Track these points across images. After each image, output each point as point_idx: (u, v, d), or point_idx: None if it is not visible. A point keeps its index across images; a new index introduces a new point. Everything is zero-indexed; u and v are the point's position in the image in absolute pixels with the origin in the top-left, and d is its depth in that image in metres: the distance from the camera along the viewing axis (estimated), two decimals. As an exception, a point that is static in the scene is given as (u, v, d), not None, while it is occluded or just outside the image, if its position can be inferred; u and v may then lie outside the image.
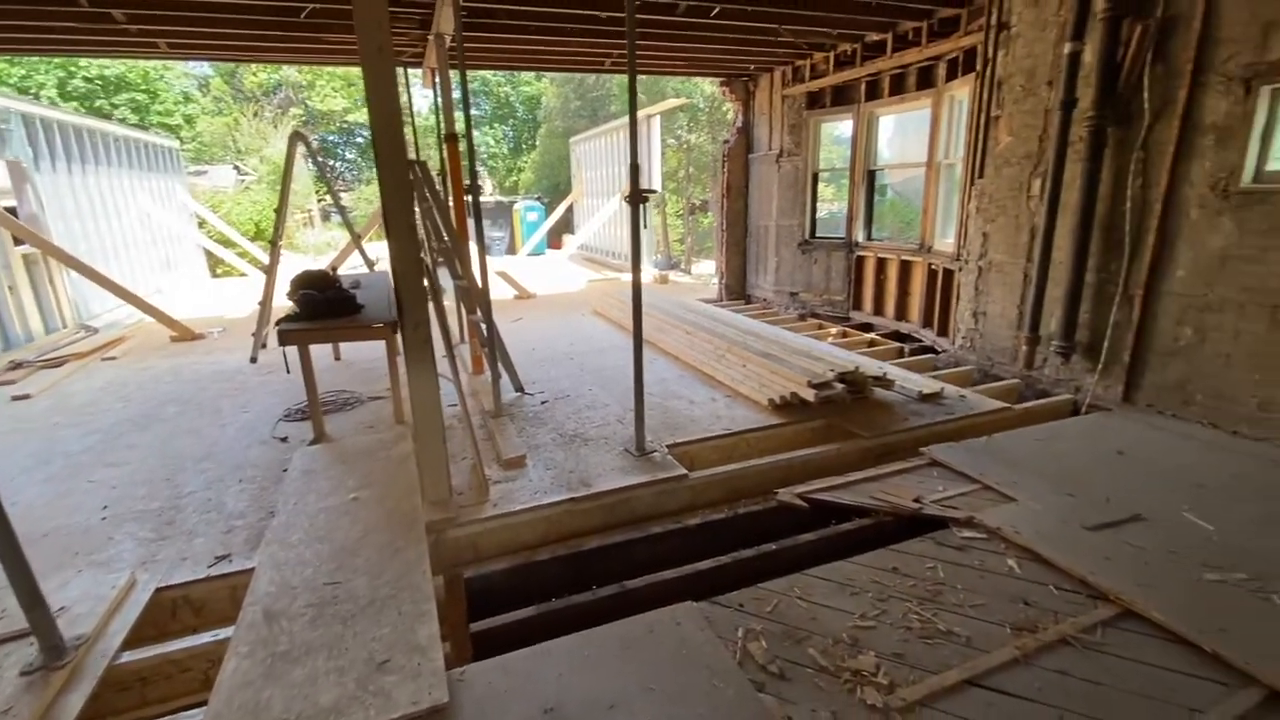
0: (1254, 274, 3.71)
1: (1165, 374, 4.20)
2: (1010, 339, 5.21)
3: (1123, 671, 2.11)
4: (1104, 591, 2.45)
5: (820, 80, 7.51)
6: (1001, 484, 3.32)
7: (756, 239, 9.25)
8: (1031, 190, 4.90)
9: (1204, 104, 3.86)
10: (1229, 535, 2.81)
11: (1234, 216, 3.78)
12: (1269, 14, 3.55)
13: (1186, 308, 4.05)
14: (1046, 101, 4.67)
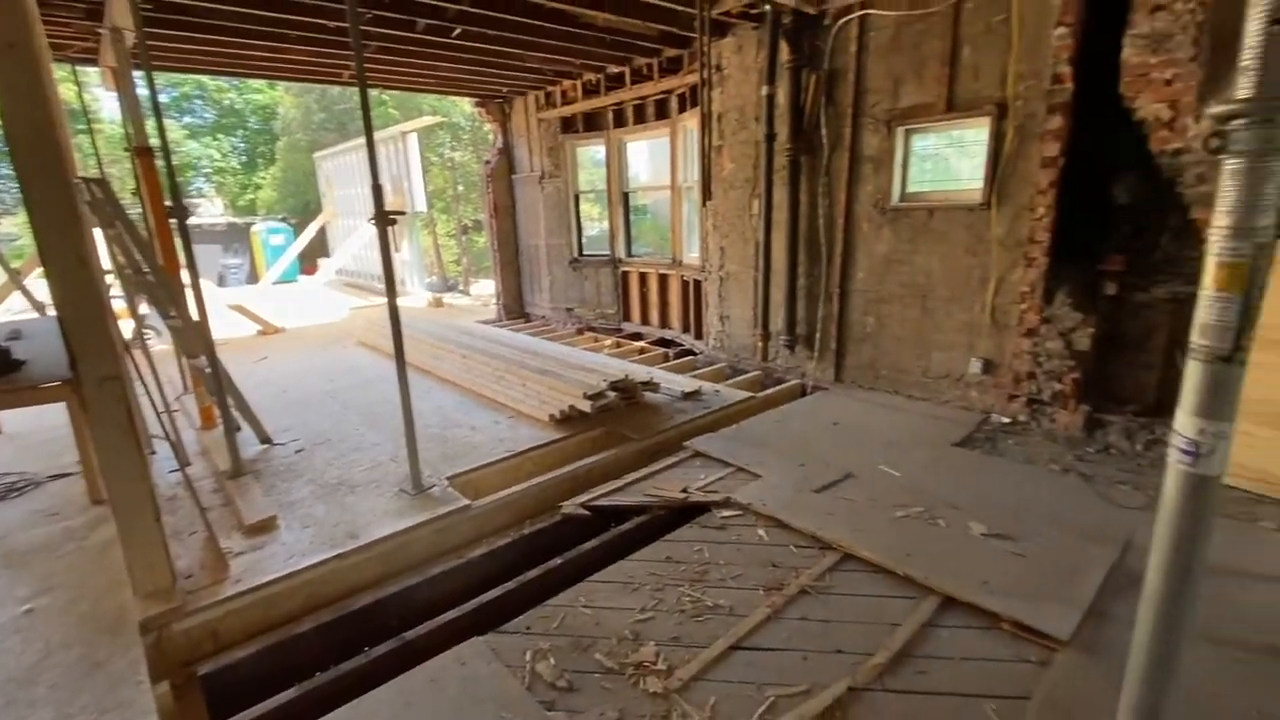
0: (907, 272, 4.79)
1: (860, 356, 5.21)
2: (750, 337, 6.00)
3: (845, 605, 2.55)
4: (829, 542, 2.95)
5: (572, 106, 7.87)
6: (750, 464, 3.80)
7: (529, 258, 9.35)
8: (752, 210, 5.72)
9: (864, 140, 4.88)
10: (910, 478, 3.58)
11: (891, 228, 4.84)
12: (897, 71, 4.62)
13: (868, 301, 5.07)
14: (756, 134, 5.49)
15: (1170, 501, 0.96)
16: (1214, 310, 0.88)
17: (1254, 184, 0.84)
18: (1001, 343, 4.35)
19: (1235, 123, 0.84)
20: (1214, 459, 0.91)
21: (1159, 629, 1.00)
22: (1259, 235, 0.84)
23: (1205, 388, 0.90)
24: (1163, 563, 0.97)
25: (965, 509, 3.18)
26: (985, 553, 2.80)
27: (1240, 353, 0.88)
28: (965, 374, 4.58)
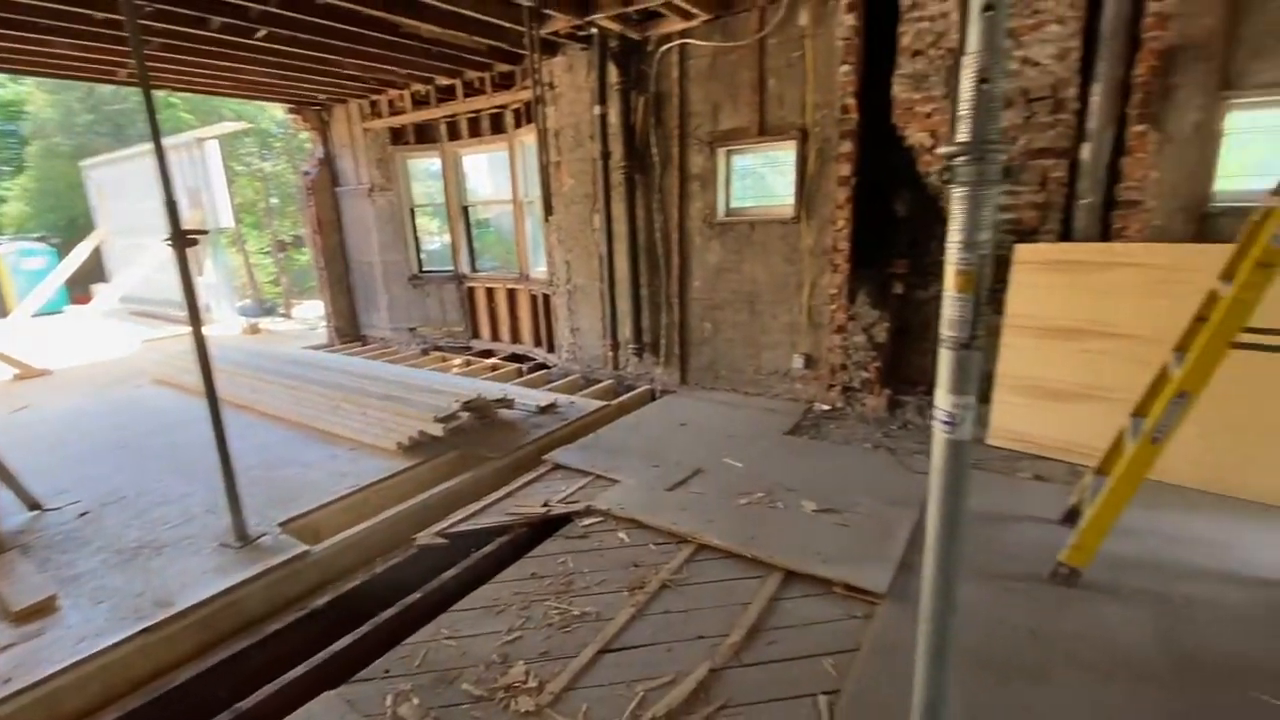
0: (737, 280, 5.22)
1: (701, 358, 5.57)
2: (601, 347, 6.14)
3: (702, 593, 2.72)
4: (684, 535, 3.12)
5: (401, 117, 7.51)
6: (608, 471, 3.90)
7: (362, 276, 8.72)
8: (594, 224, 5.87)
9: (690, 159, 5.24)
10: (751, 468, 3.90)
11: (720, 240, 5.24)
12: (716, 97, 5.02)
13: (705, 308, 5.44)
14: (592, 152, 5.65)
15: (938, 462, 1.18)
16: (955, 308, 1.11)
17: (975, 208, 1.08)
18: (818, 339, 4.90)
19: (958, 160, 1.07)
20: (965, 426, 1.14)
21: (938, 567, 1.22)
22: (981, 248, 1.08)
23: (954, 370, 1.13)
24: (937, 512, 1.19)
25: (798, 490, 3.54)
26: (817, 527, 3.15)
27: (976, 340, 1.11)
28: (790, 369, 5.09)
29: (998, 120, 1.04)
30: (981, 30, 1.01)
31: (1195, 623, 2.36)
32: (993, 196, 1.06)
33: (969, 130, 1.05)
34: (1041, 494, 3.36)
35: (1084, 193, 3.76)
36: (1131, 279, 3.43)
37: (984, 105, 1.03)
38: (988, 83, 1.01)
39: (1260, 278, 2.15)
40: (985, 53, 1.01)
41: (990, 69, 1.01)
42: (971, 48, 1.03)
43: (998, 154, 1.03)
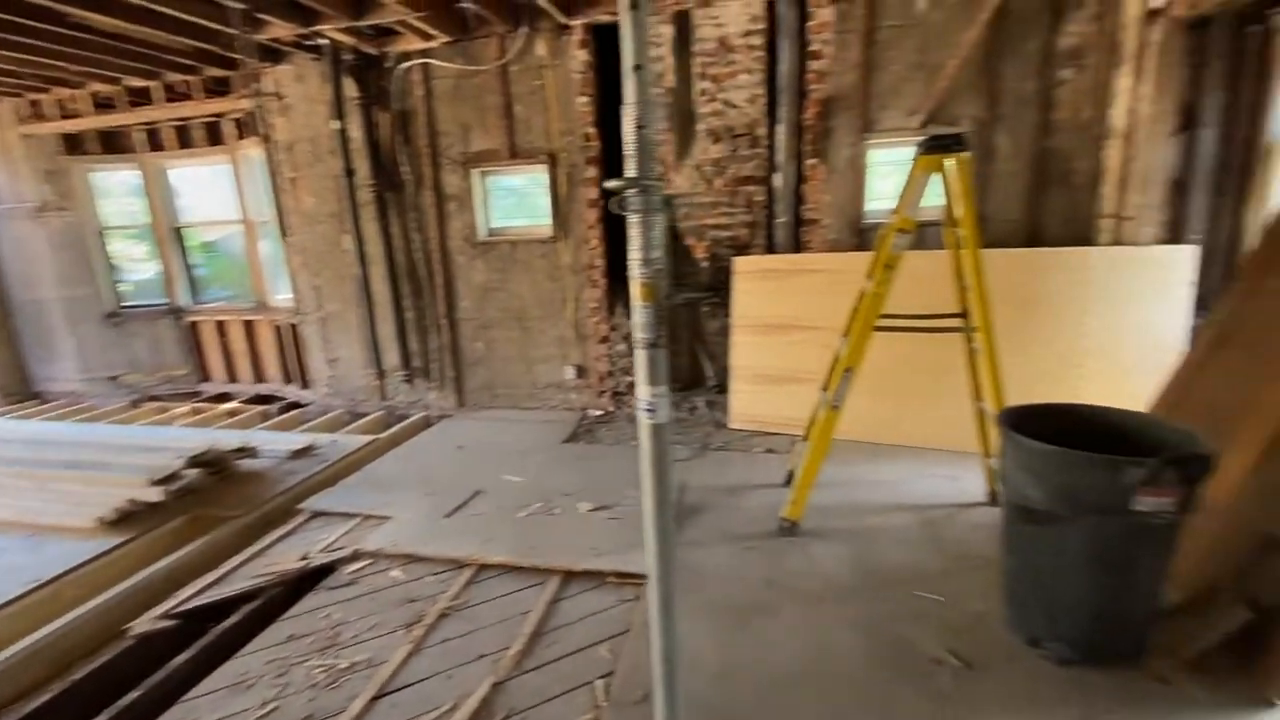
0: (504, 298, 5.28)
1: (477, 379, 5.52)
2: (365, 377, 5.72)
3: (484, 612, 2.72)
4: (463, 560, 3.08)
5: (77, 121, 6.15)
6: (378, 508, 3.67)
7: (31, 318, 6.92)
8: (344, 245, 5.46)
9: (445, 179, 5.17)
10: (530, 481, 3.98)
11: (483, 260, 5.26)
12: (465, 118, 5.03)
13: (476, 328, 5.41)
14: (334, 168, 5.26)
15: (644, 444, 1.38)
16: (641, 315, 1.32)
17: (646, 231, 1.29)
18: (586, 350, 5.19)
19: (629, 192, 1.27)
20: (662, 412, 1.36)
21: (656, 531, 1.43)
22: (655, 264, 1.30)
23: (649, 366, 1.34)
24: (648, 485, 1.40)
25: (575, 494, 3.72)
26: (592, 525, 3.34)
27: (660, 339, 1.33)
28: (564, 380, 5.30)
29: (654, 159, 1.27)
30: (634, 85, 1.23)
31: (876, 546, 3.03)
32: (659, 222, 1.29)
33: (634, 167, 1.26)
34: (772, 464, 3.99)
35: (780, 213, 4.57)
36: (817, 282, 4.26)
37: (644, 147, 1.25)
38: (644, 129, 1.23)
39: (887, 276, 2.85)
40: (639, 104, 1.23)
41: (645, 117, 1.23)
42: (628, 99, 1.24)
43: (657, 187, 1.26)
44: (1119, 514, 1.98)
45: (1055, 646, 2.20)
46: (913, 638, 2.39)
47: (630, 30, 1.20)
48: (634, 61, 1.21)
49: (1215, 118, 3.44)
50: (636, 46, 1.20)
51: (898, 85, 4.25)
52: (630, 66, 1.22)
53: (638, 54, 1.20)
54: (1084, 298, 3.78)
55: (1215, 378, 2.83)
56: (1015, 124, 4.14)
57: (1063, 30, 3.97)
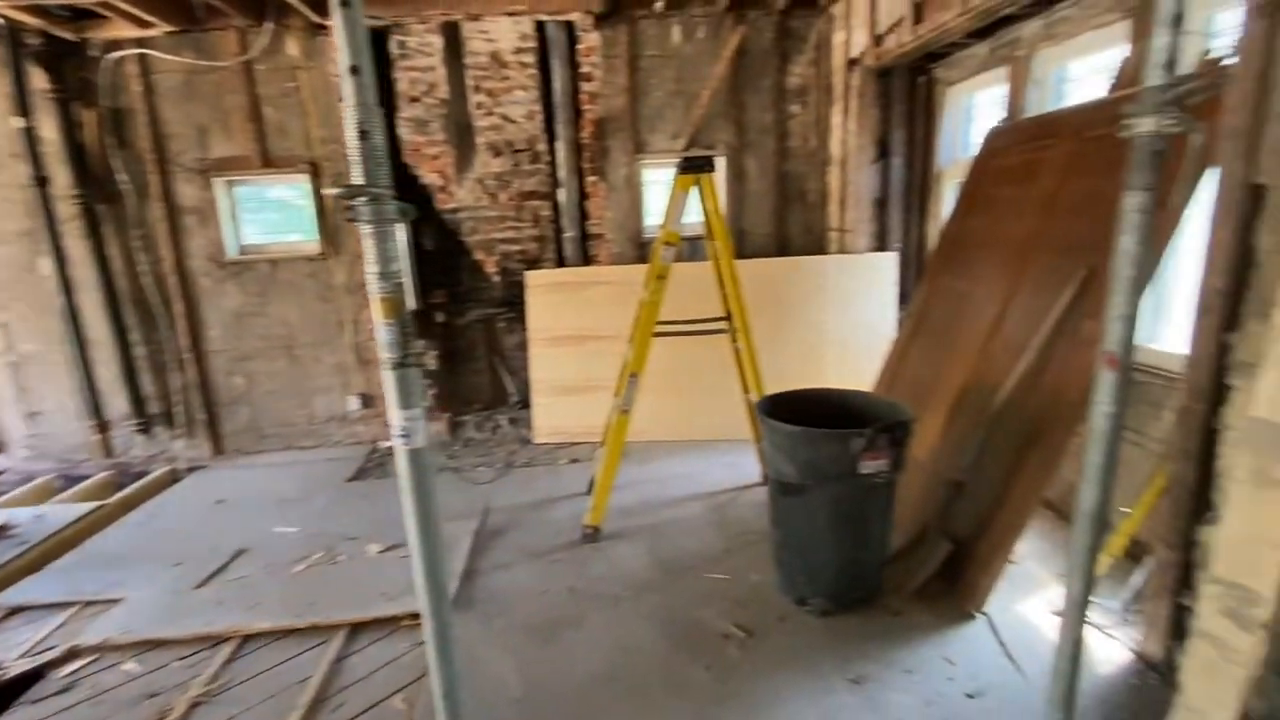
0: (266, 325, 4.66)
1: (237, 420, 4.79)
2: (82, 432, 4.64)
3: (250, 691, 2.34)
4: (220, 635, 2.63)
5: None
6: (104, 591, 2.99)
7: None
8: (42, 270, 4.40)
9: (178, 189, 4.42)
10: (309, 528, 3.54)
11: (236, 282, 4.58)
12: (201, 120, 4.35)
13: (232, 360, 4.69)
14: (18, 176, 4.21)
15: (405, 474, 1.30)
16: (387, 333, 1.24)
17: (383, 242, 1.22)
18: (372, 376, 4.78)
19: (358, 200, 1.19)
20: (419, 436, 1.28)
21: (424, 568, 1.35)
22: (395, 277, 1.23)
23: (400, 388, 1.26)
24: (411, 514, 1.31)
25: (363, 536, 3.39)
26: (383, 567, 3.07)
27: (410, 358, 1.26)
28: (348, 412, 4.83)
29: (385, 166, 1.20)
30: (353, 90, 1.15)
31: (671, 537, 3.21)
32: (395, 232, 1.22)
33: (361, 176, 1.19)
34: (576, 474, 4.03)
35: (566, 228, 4.67)
36: (605, 293, 4.43)
37: (370, 154, 1.18)
38: (368, 134, 1.16)
39: (660, 286, 3.06)
40: (360, 108, 1.15)
41: (367, 122, 1.16)
42: (347, 102, 1.16)
43: (389, 196, 1.20)
44: (851, 478, 2.33)
45: (816, 602, 2.52)
46: (704, 618, 2.57)
47: (344, 30, 1.13)
48: (351, 63, 1.14)
49: (901, 149, 4.28)
50: (352, 47, 1.13)
51: (662, 110, 4.61)
52: (347, 68, 1.14)
53: (354, 55, 1.13)
54: (822, 298, 4.43)
55: (915, 358, 3.50)
56: (760, 150, 4.73)
57: (790, 71, 4.63)
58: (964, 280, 3.27)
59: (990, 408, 2.64)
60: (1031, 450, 2.45)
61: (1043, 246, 2.76)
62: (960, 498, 2.70)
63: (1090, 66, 3.13)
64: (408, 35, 4.32)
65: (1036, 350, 2.53)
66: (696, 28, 4.49)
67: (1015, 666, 2.21)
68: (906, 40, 3.51)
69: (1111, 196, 2.47)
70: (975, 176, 3.45)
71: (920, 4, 3.38)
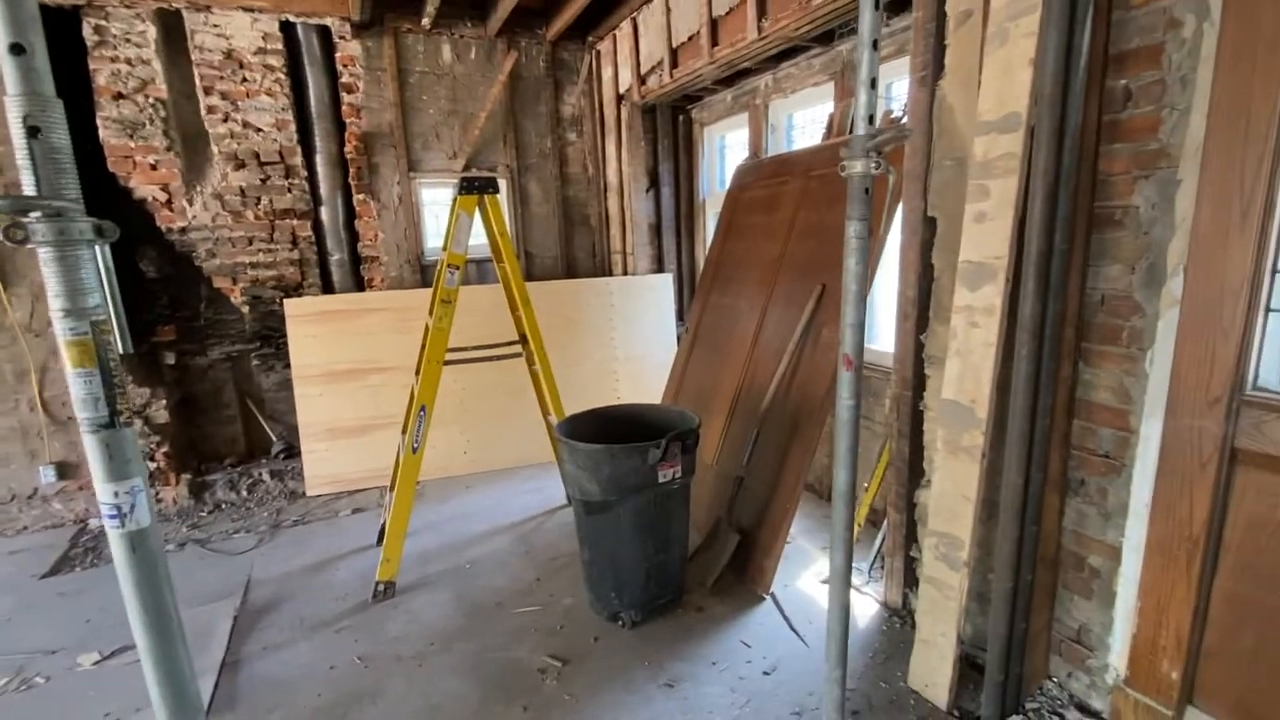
0: (-112, 384, 3.42)
1: None
2: None
3: None
4: None
5: None
6: None
7: None
8: None
9: None
10: (-24, 651, 2.64)
11: None
12: None
13: None
14: None
15: (123, 564, 1.02)
16: (81, 386, 0.97)
17: (72, 270, 0.95)
18: (72, 438, 3.78)
19: (32, 215, 0.92)
20: (139, 513, 1.02)
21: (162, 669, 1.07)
22: (94, 313, 0.97)
23: (106, 455, 0.99)
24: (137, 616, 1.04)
25: (71, 646, 2.63)
26: (102, 682, 2.41)
27: (119, 416, 1.00)
28: (38, 487, 3.75)
29: (71, 174, 0.95)
30: (16, 75, 0.89)
31: (478, 576, 3.03)
32: (91, 256, 0.97)
33: (34, 184, 0.92)
34: (360, 524, 3.62)
35: (333, 250, 4.22)
36: (383, 321, 4.08)
37: (46, 158, 0.92)
38: (40, 131, 0.91)
39: (446, 310, 2.90)
40: (27, 98, 0.90)
41: (41, 117, 0.91)
42: (9, 91, 0.90)
43: (77, 211, 0.95)
44: (650, 488, 2.43)
45: (627, 615, 2.57)
46: (518, 656, 2.46)
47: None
48: (12, 39, 0.87)
49: (669, 180, 4.66)
50: (12, 17, 0.87)
51: (436, 128, 4.42)
52: (6, 45, 0.88)
53: (14, 29, 0.88)
54: (610, 318, 4.61)
55: (696, 369, 3.80)
56: (541, 174, 4.79)
57: (564, 100, 4.78)
58: (729, 296, 3.65)
59: (759, 408, 2.97)
60: (793, 441, 2.80)
61: (788, 266, 3.20)
62: (742, 491, 2.98)
63: (810, 117, 3.74)
64: (107, 20, 3.55)
65: (790, 354, 2.92)
66: (469, 48, 4.41)
67: (799, 637, 2.49)
68: (667, 82, 3.85)
69: (831, 225, 3.00)
70: (729, 206, 3.89)
71: (676, 50, 3.74)
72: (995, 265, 1.87)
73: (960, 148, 2.09)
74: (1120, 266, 1.77)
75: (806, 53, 3.34)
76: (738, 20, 3.16)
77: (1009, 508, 1.88)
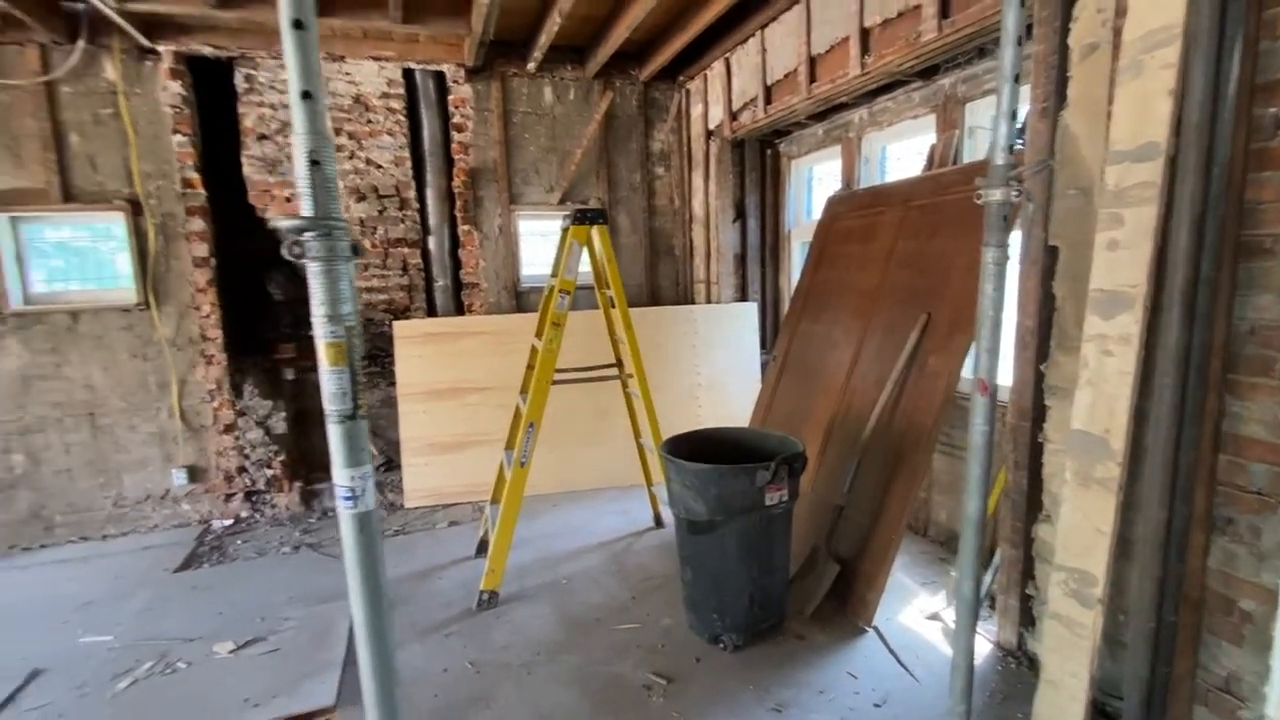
0: (61, 389, 3.84)
1: (14, 509, 3.82)
2: None
3: None
4: (11, 786, 2.03)
5: None
6: None
7: None
8: None
9: (-67, 226, 3.56)
10: (129, 635, 2.89)
11: (20, 338, 3.75)
12: (-31, 146, 3.58)
13: (7, 435, 3.77)
14: None
15: (351, 541, 1.15)
16: (333, 382, 1.12)
17: (333, 282, 1.11)
18: (203, 445, 4.12)
19: (306, 235, 1.08)
20: (366, 498, 1.15)
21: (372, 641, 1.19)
22: (346, 320, 1.12)
23: (347, 444, 1.14)
24: (358, 589, 1.16)
25: (206, 635, 2.85)
26: (238, 669, 2.60)
27: (359, 410, 1.15)
28: (171, 489, 4.09)
29: (336, 199, 1.11)
30: (304, 116, 1.06)
31: (576, 592, 3.11)
32: (347, 271, 1.12)
33: (311, 207, 1.08)
34: (457, 536, 3.77)
35: (438, 276, 4.50)
36: (482, 344, 4.30)
37: (322, 185, 1.09)
38: (319, 164, 1.07)
39: (556, 333, 3.05)
40: (311, 135, 1.07)
41: (320, 151, 1.07)
42: (297, 130, 1.07)
43: (343, 230, 1.11)
44: (757, 509, 2.46)
45: (729, 637, 2.58)
46: (622, 672, 2.50)
47: (295, 53, 1.04)
48: (302, 87, 1.05)
49: (755, 211, 4.77)
50: (304, 71, 1.05)
51: (536, 164, 4.69)
52: (298, 93, 1.05)
53: (305, 79, 1.05)
54: (694, 344, 4.70)
55: (785, 395, 3.82)
56: (630, 206, 4.98)
57: (654, 136, 4.99)
58: (821, 324, 3.68)
59: (860, 436, 2.96)
60: (898, 471, 2.78)
61: (886, 295, 3.21)
62: (841, 520, 2.96)
63: (906, 148, 3.78)
64: (256, 69, 3.99)
65: (893, 383, 2.91)
66: (568, 89, 4.69)
67: (908, 671, 2.44)
68: (760, 118, 3.97)
69: (933, 255, 3.01)
70: (821, 236, 3.95)
71: (770, 87, 3.87)
72: (1131, 293, 1.85)
73: (1085, 176, 2.09)
74: (1270, 296, 1.72)
75: (906, 86, 3.40)
76: (838, 58, 3.26)
77: (1150, 543, 1.82)
